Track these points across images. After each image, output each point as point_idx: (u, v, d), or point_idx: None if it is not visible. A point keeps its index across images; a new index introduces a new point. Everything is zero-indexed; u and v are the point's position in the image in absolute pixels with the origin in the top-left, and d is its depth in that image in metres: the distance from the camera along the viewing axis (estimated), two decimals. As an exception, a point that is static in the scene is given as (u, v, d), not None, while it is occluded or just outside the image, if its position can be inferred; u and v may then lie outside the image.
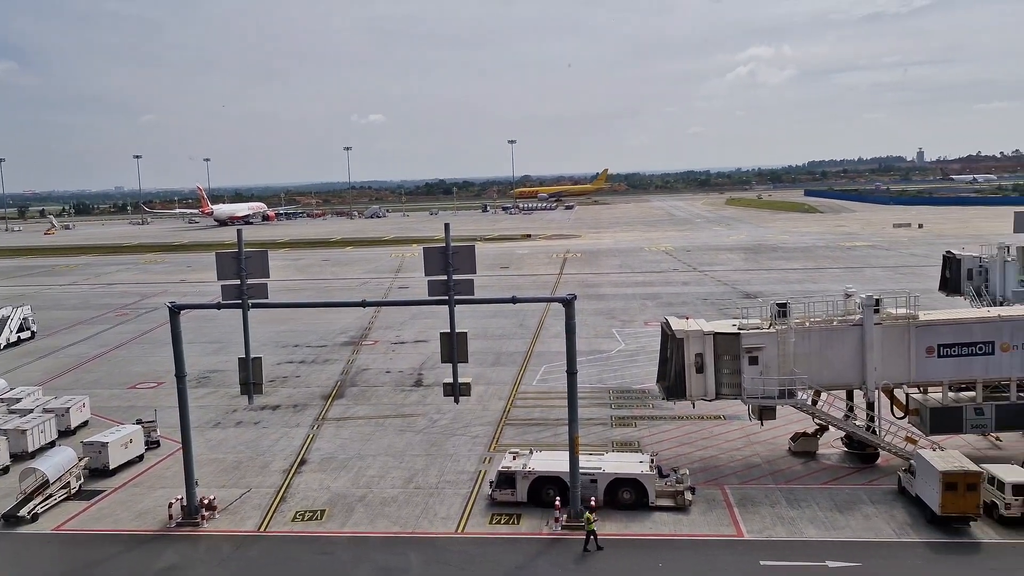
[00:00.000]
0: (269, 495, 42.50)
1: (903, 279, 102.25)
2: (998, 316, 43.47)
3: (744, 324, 43.56)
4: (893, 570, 32.61)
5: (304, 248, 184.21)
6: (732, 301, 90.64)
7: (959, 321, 43.29)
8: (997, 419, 42.59)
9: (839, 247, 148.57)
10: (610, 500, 39.01)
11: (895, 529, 36.08)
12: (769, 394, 42.20)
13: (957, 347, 42.39)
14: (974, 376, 42.60)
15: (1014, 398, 42.47)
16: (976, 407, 42.46)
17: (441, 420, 54.04)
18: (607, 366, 67.27)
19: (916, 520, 36.65)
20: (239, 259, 37.94)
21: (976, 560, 33.36)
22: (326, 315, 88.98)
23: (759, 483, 41.76)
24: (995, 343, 42.17)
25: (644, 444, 47.94)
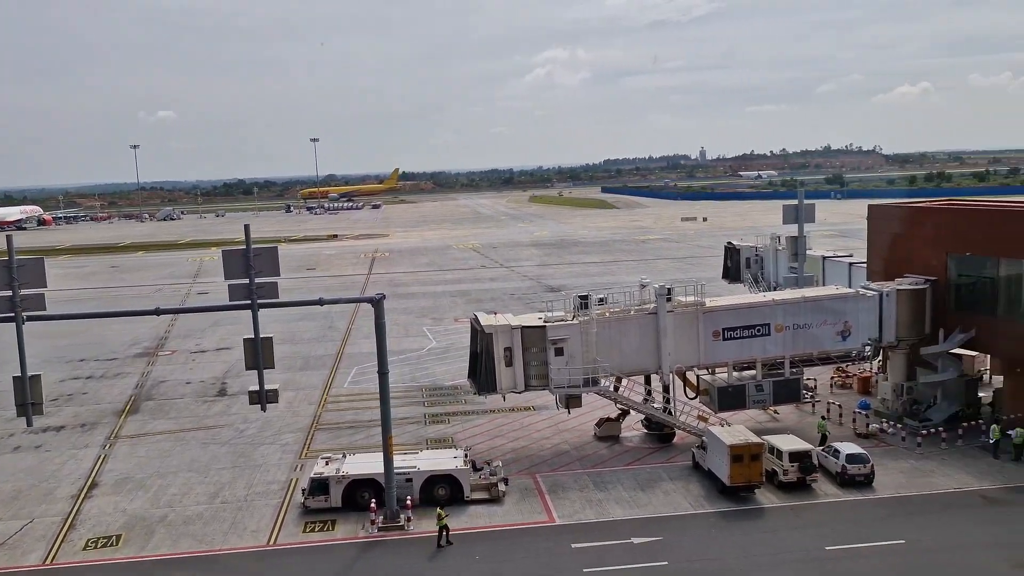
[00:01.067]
0: (55, 524, 38.98)
1: (691, 269, 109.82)
2: (772, 300, 47.78)
3: (549, 317, 45.10)
4: (690, 540, 35.01)
5: (89, 254, 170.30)
6: (538, 295, 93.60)
7: (740, 306, 47.14)
8: (775, 394, 46.78)
9: (634, 240, 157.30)
10: (426, 498, 39.14)
11: (691, 502, 38.76)
12: (575, 383, 43.97)
13: (739, 330, 46.16)
14: (754, 356, 46.56)
15: (787, 374, 46.83)
16: (757, 384, 46.41)
17: (248, 430, 51.91)
18: (419, 364, 67.37)
19: (709, 492, 39.55)
20: (10, 268, 34.39)
21: (760, 523, 36.48)
22: (116, 326, 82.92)
23: (568, 469, 43.44)
24: (771, 325, 46.32)
25: (458, 440, 48.49)
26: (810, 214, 61.92)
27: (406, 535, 36.59)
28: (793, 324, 46.54)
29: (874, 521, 36.00)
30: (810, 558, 32.94)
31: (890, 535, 34.45)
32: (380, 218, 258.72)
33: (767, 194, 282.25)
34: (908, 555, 32.85)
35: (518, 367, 43.67)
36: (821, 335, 47.03)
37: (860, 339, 47.82)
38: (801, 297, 47.84)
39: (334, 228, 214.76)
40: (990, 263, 46.66)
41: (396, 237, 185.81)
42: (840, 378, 56.44)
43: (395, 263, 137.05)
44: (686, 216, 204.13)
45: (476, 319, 45.52)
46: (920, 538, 34.16)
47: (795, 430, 45.29)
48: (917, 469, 41.44)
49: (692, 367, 47.00)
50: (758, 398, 46.61)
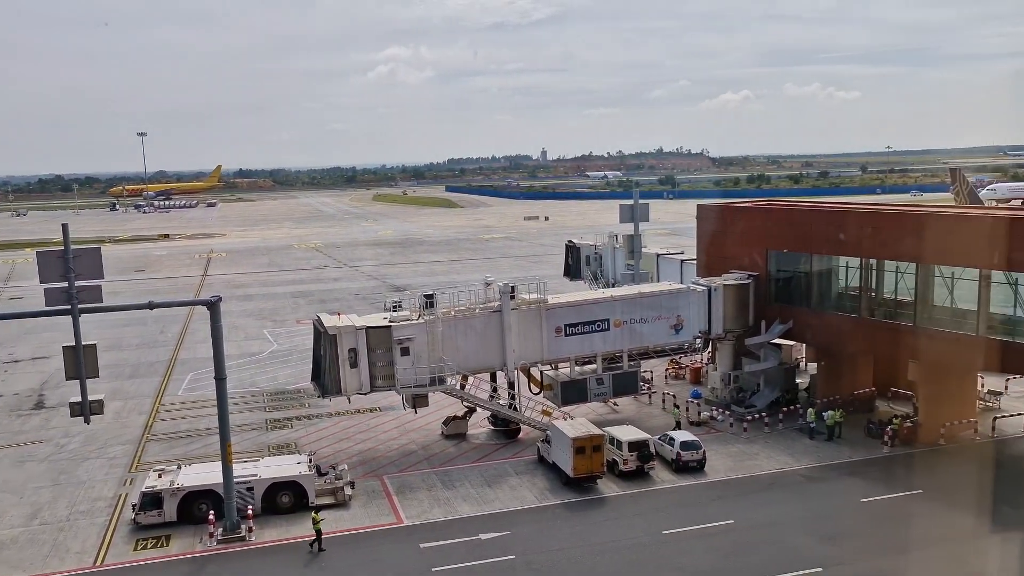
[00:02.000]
0: None
1: (534, 267, 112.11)
2: (611, 297, 49.59)
3: (395, 317, 44.77)
4: (536, 532, 35.76)
5: None
6: (383, 294, 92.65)
7: (580, 303, 48.62)
8: (614, 387, 48.61)
9: (478, 239, 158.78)
10: (269, 506, 37.87)
11: (536, 495, 39.60)
12: (421, 382, 43.90)
13: (580, 326, 47.60)
14: (595, 351, 48.16)
15: (626, 367, 48.78)
16: (598, 378, 48.03)
17: (70, 444, 48.36)
18: (260, 368, 65.10)
19: (554, 484, 40.55)
20: None
21: (602, 512, 37.79)
22: (-88, 336, 75.04)
23: (416, 469, 43.30)
24: (610, 320, 48.07)
25: (301, 444, 47.24)
26: (645, 213, 64.84)
27: (248, 546, 35.27)
28: (630, 319, 48.50)
29: (706, 504, 38.14)
30: (649, 542, 34.46)
31: (721, 516, 36.58)
32: (216, 217, 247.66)
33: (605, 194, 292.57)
34: (736, 533, 35.01)
35: (363, 368, 43.09)
36: (656, 329, 49.27)
37: (691, 332, 50.49)
38: (637, 293, 49.94)
39: (165, 227, 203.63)
40: (804, 259, 50.50)
41: (234, 237, 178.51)
42: (674, 370, 59.34)
43: (233, 264, 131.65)
44: (529, 215, 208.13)
45: (319, 320, 44.50)
46: (747, 517, 36.48)
47: (634, 421, 47.23)
48: (744, 453, 44.23)
49: (536, 363, 48.00)
50: (599, 391, 48.25)
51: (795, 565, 31.92)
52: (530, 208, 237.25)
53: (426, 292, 45.99)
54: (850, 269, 48.53)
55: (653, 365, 56.26)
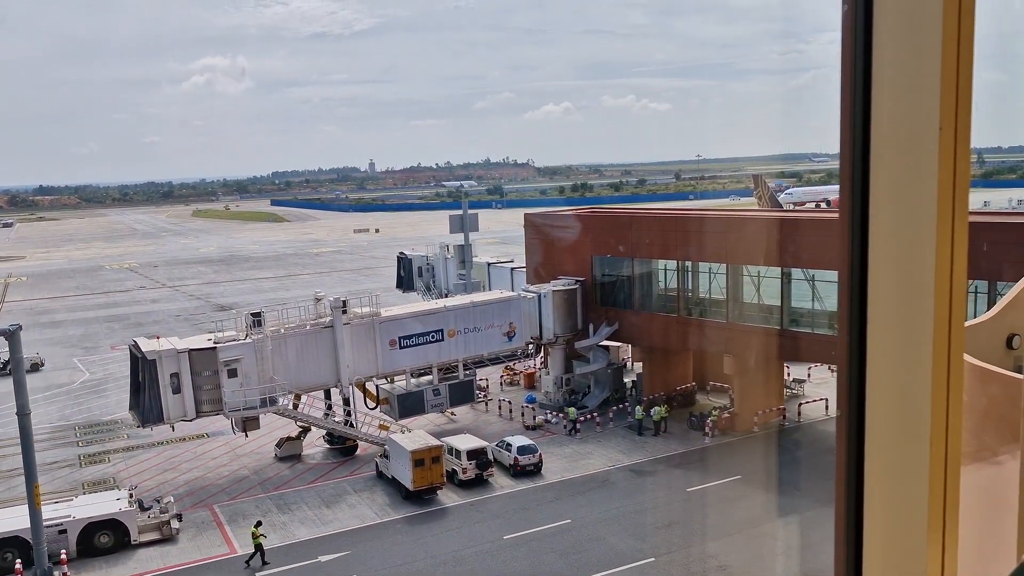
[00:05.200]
0: None
1: (366, 280, 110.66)
2: (444, 307, 49.84)
3: (220, 337, 42.86)
4: (378, 550, 35.28)
5: None
6: (207, 315, 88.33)
7: (414, 314, 48.55)
8: (451, 396, 48.85)
9: (307, 253, 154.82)
10: (86, 548, 35.13)
11: (376, 512, 39.08)
12: (251, 404, 42.27)
13: (415, 337, 47.52)
14: (431, 362, 48.20)
15: (462, 376, 49.16)
16: (434, 389, 48.08)
17: None
18: (70, 400, 60.27)
19: (394, 499, 40.17)
20: None
21: (444, 523, 37.84)
22: None
23: (249, 495, 41.57)
24: (444, 330, 48.28)
25: (121, 479, 44.18)
26: (474, 223, 65.70)
27: (63, 594, 32.55)
28: (464, 328, 48.93)
29: (544, 505, 39.06)
30: (491, 548, 34.85)
31: (558, 516, 37.58)
32: (13, 238, 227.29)
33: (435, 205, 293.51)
34: (574, 531, 36.08)
35: (187, 393, 40.94)
36: (490, 337, 49.99)
37: (524, 338, 51.64)
38: (470, 303, 50.48)
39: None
40: (626, 263, 52.91)
41: (35, 259, 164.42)
42: (509, 375, 60.40)
43: (35, 288, 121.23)
44: (359, 228, 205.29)
45: (136, 345, 41.88)
46: (583, 515, 37.69)
47: (471, 429, 47.65)
48: (577, 453, 45.68)
49: (371, 377, 47.43)
50: (436, 402, 48.32)
51: (630, 557, 33.33)
52: (360, 220, 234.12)
53: (253, 310, 44.32)
54: (668, 272, 51.33)
55: (488, 373, 57.01)
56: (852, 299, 2.18)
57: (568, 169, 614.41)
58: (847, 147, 2.17)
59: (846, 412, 2.26)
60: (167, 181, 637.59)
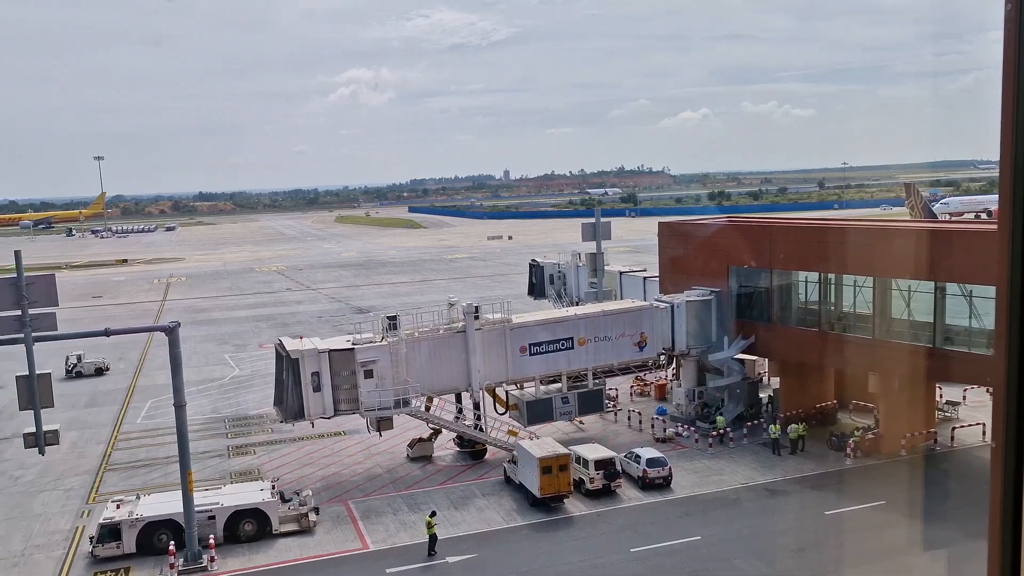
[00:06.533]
0: None
1: (498, 286, 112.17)
2: (575, 315, 49.76)
3: (358, 339, 44.45)
4: (504, 554, 35.55)
5: None
6: (346, 317, 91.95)
7: (544, 322, 48.69)
8: (580, 405, 48.68)
9: (442, 259, 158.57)
10: (231, 535, 37.20)
11: (503, 516, 39.40)
12: (385, 405, 43.56)
13: (544, 345, 47.67)
14: (559, 369, 48.22)
15: (591, 385, 48.89)
16: (563, 396, 48.06)
17: (25, 476, 47.12)
18: (221, 394, 64.12)
19: (521, 505, 40.38)
20: None
21: (570, 532, 37.70)
22: None
23: (381, 493, 42.85)
24: (574, 339, 48.18)
25: (264, 471, 46.54)
26: (607, 231, 65.31)
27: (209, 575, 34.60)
28: (594, 337, 48.66)
29: (673, 520, 38.23)
30: (616, 561, 34.41)
31: (687, 532, 36.69)
32: (176, 241, 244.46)
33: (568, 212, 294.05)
34: (702, 549, 35.11)
35: (327, 392, 42.67)
36: (620, 346, 49.50)
37: (655, 349, 50.83)
38: (601, 311, 50.17)
39: (123, 252, 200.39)
40: (764, 275, 51.17)
41: (194, 261, 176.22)
42: (639, 386, 59.61)
43: (193, 288, 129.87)
44: (492, 234, 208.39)
45: (281, 344, 44.03)
46: (713, 533, 36.63)
47: (599, 439, 47.29)
48: (709, 468, 44.47)
49: (501, 383, 47.92)
50: (565, 410, 48.27)
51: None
52: (494, 227, 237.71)
53: (389, 314, 45.73)
54: (809, 284, 49.25)
55: (618, 383, 56.47)
56: (1011, 316, 1.97)
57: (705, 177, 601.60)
58: (1008, 153, 1.97)
59: (1003, 439, 2.04)
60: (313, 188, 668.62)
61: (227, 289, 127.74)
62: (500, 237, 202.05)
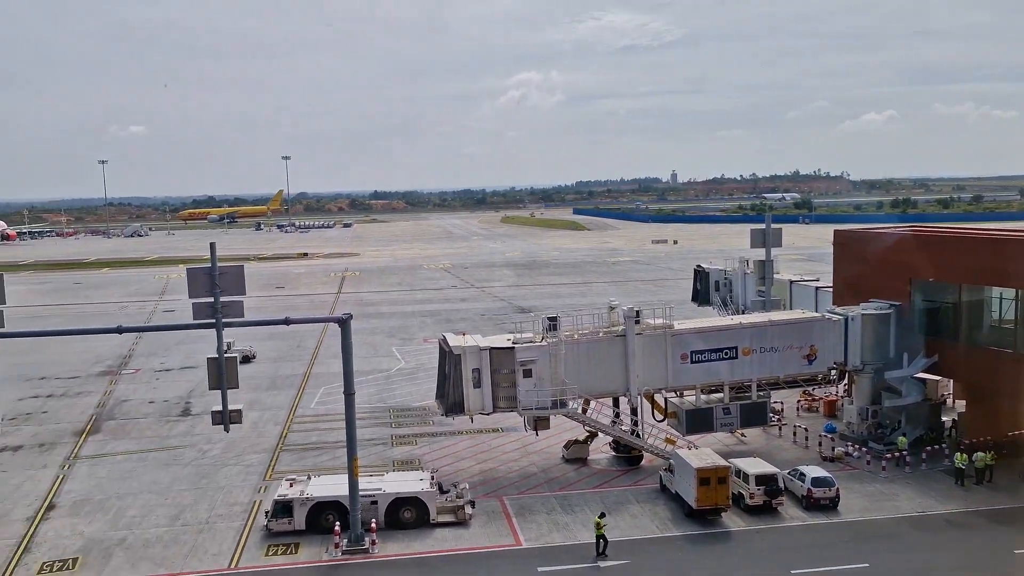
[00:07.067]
0: (10, 547, 37.95)
1: (661, 291, 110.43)
2: (740, 324, 48.08)
3: (518, 338, 45.00)
4: (657, 564, 34.89)
5: (52, 270, 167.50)
6: (508, 316, 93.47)
7: (708, 329, 47.37)
8: (742, 417, 47.00)
9: (605, 262, 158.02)
10: (392, 520, 38.67)
11: (658, 525, 38.67)
12: (543, 405, 43.85)
13: (707, 353, 46.35)
14: (722, 379, 46.76)
15: (755, 397, 47.08)
16: (724, 407, 46.58)
17: (211, 451, 51.08)
18: (386, 385, 66.85)
19: (676, 515, 39.49)
20: (-33, 284, 33.71)
21: (727, 547, 36.46)
22: (79, 344, 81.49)
23: (536, 492, 43.18)
24: (738, 348, 46.56)
25: (424, 461, 48.06)
26: (777, 238, 62.68)
27: (370, 558, 36.09)
28: (760, 347, 46.83)
29: (839, 545, 36.14)
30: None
31: (854, 559, 34.57)
32: (351, 237, 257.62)
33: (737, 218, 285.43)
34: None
35: (486, 388, 43.48)
36: (788, 358, 47.35)
37: (826, 363, 48.25)
38: (768, 321, 48.22)
39: (305, 246, 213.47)
40: (952, 289, 47.40)
41: (367, 256, 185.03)
42: (807, 401, 56.86)
43: (365, 282, 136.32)
44: (657, 238, 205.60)
45: (444, 340, 45.30)
46: (885, 562, 34.31)
47: (762, 453, 45.47)
48: (882, 492, 41.72)
49: (660, 389, 47.07)
50: (726, 421, 46.78)
51: (938, 618, 29.72)
52: (659, 231, 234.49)
53: (550, 314, 45.99)
54: (1004, 301, 45.15)
55: (784, 396, 54.11)
56: None
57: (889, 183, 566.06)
58: None
59: None
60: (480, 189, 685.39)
61: (396, 284, 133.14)
62: (665, 241, 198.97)
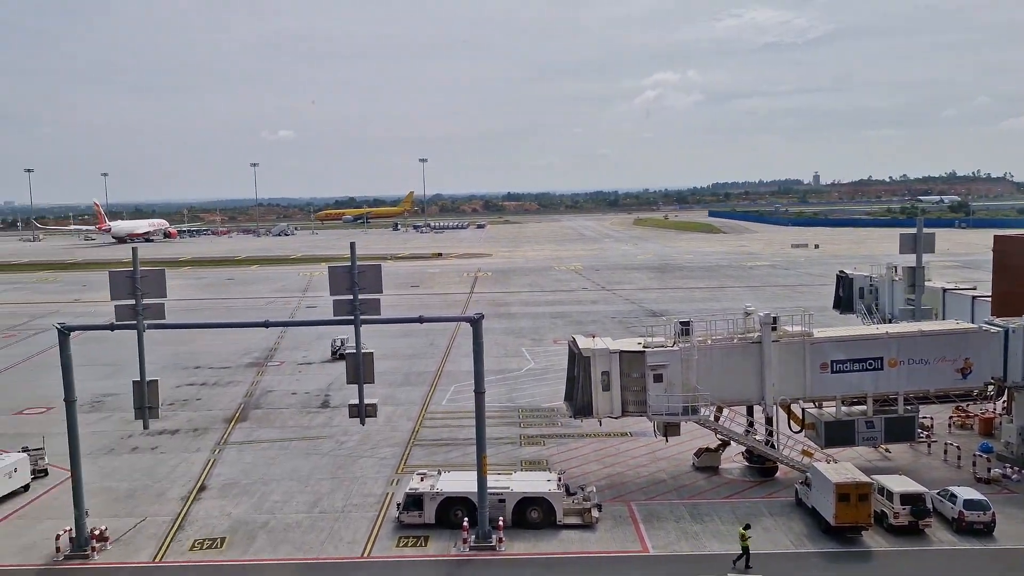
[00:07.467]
0: (166, 524, 40.78)
1: (800, 297, 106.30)
2: (886, 333, 45.56)
3: (649, 342, 44.38)
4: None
5: (207, 266, 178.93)
6: (639, 319, 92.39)
7: (851, 338, 45.16)
8: (886, 431, 44.49)
9: (741, 266, 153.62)
10: (519, 519, 38.97)
11: (792, 540, 37.20)
12: (673, 411, 43.04)
13: (849, 363, 44.17)
14: (865, 391, 44.45)
15: (901, 411, 44.48)
16: (867, 420, 44.26)
17: (348, 442, 53.09)
18: (516, 385, 67.46)
19: (812, 531, 37.87)
20: (134, 278, 36.48)
21: (867, 568, 34.65)
22: (229, 336, 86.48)
23: (664, 499, 42.45)
24: (884, 359, 44.12)
25: (552, 462, 48.17)
26: (930, 244, 58.94)
27: (497, 555, 36.51)
28: (908, 359, 44.21)
29: (992, 574, 33.63)
30: (921, 609, 31.03)
31: (1012, 590, 32.12)
32: (484, 238, 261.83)
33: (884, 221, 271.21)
34: (1032, 613, 30.52)
35: (615, 392, 43.11)
36: (939, 372, 44.46)
37: (982, 378, 44.99)
38: (918, 331, 45.47)
39: (439, 247, 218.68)
40: None
41: (499, 257, 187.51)
42: (960, 418, 53.27)
43: (497, 283, 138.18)
44: (796, 242, 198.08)
45: (574, 342, 45.24)
46: (1046, 595, 31.71)
47: (908, 471, 42.96)
48: (1044, 520, 38.56)
49: (797, 399, 45.28)
50: (868, 435, 44.44)
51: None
52: (799, 235, 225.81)
53: (682, 319, 45.13)
54: None
55: (934, 411, 50.89)
56: None
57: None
58: None
59: None
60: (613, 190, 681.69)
61: (527, 285, 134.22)
62: (805, 245, 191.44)
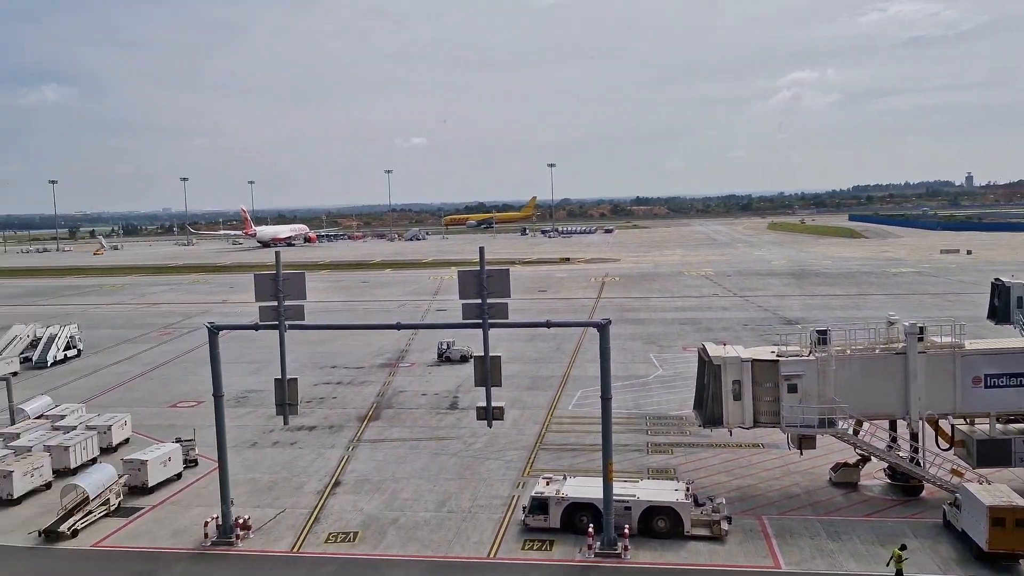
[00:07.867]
0: (303, 516, 42.66)
1: (950, 307, 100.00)
2: (1048, 346, 42.17)
3: (783, 351, 42.86)
4: (937, 608, 31.57)
5: (343, 270, 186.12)
6: (772, 327, 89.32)
7: (1007, 351, 42.08)
8: (1048, 453, 41.19)
9: (883, 273, 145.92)
10: (644, 528, 38.45)
11: (939, 564, 34.99)
12: (809, 423, 41.36)
13: (1005, 377, 41.19)
14: (1022, 408, 41.29)
15: (1066, 431, 41.06)
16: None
17: (475, 444, 53.89)
18: (643, 391, 66.59)
19: (962, 556, 35.51)
20: (276, 281, 38.43)
21: (1025, 599, 32.16)
22: (363, 337, 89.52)
23: (798, 514, 40.84)
24: (1045, 374, 40.85)
25: (680, 472, 47.24)
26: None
27: (622, 563, 36.16)
28: (1073, 375, 40.74)
29: None
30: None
31: None
32: (612, 243, 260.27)
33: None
34: None
35: (747, 402, 41.85)
36: (1109, 389, 40.73)
37: None
38: (1085, 344, 41.82)
39: (566, 251, 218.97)
40: None
41: (627, 262, 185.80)
42: None
43: (625, 288, 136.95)
44: (946, 248, 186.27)
45: (704, 349, 44.23)
46: None
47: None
48: None
49: (946, 415, 42.55)
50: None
51: None
52: (949, 240, 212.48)
53: (819, 327, 43.31)
54: None
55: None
56: None
57: None
58: None
59: None
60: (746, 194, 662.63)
61: (656, 290, 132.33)
62: (956, 251, 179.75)
